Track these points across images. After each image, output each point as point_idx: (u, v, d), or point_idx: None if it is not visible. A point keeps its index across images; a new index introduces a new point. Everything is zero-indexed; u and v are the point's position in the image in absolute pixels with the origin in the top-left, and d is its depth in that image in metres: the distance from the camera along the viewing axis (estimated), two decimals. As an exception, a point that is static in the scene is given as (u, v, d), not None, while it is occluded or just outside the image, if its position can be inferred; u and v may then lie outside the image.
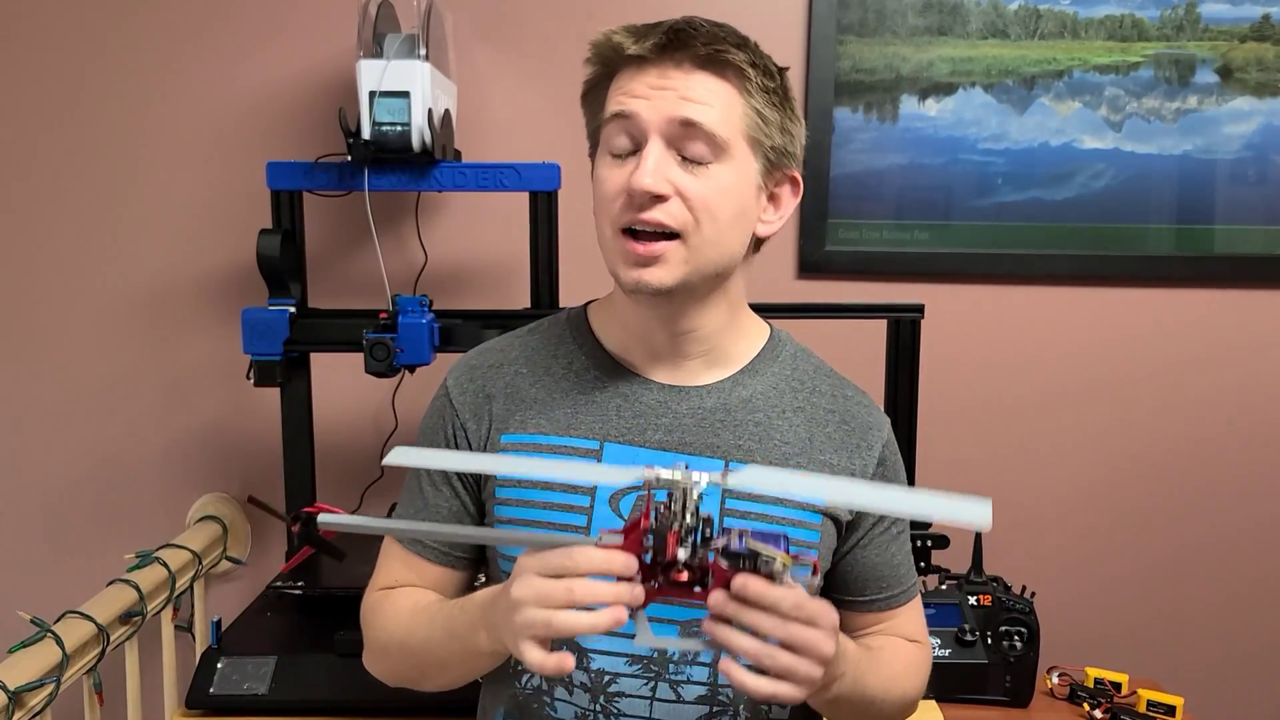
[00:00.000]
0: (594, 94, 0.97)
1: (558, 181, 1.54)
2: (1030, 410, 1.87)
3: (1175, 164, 1.79)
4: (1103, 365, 1.85)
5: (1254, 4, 1.77)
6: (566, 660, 0.78)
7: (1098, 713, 1.58)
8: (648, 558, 0.78)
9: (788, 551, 0.78)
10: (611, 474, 0.80)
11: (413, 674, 1.01)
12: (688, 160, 0.91)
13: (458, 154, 1.67)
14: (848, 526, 1.02)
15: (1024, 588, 1.62)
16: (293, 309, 1.52)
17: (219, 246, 1.80)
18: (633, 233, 0.92)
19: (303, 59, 1.77)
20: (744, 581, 0.77)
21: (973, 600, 1.59)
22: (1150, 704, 1.58)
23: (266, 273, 1.51)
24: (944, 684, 1.49)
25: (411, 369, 1.53)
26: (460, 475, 1.03)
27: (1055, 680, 1.66)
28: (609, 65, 0.95)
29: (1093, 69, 1.78)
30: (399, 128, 1.44)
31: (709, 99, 0.91)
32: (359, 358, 1.47)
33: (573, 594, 0.77)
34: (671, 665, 0.96)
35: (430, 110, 1.45)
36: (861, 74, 1.78)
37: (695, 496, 0.78)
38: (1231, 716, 1.90)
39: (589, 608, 0.77)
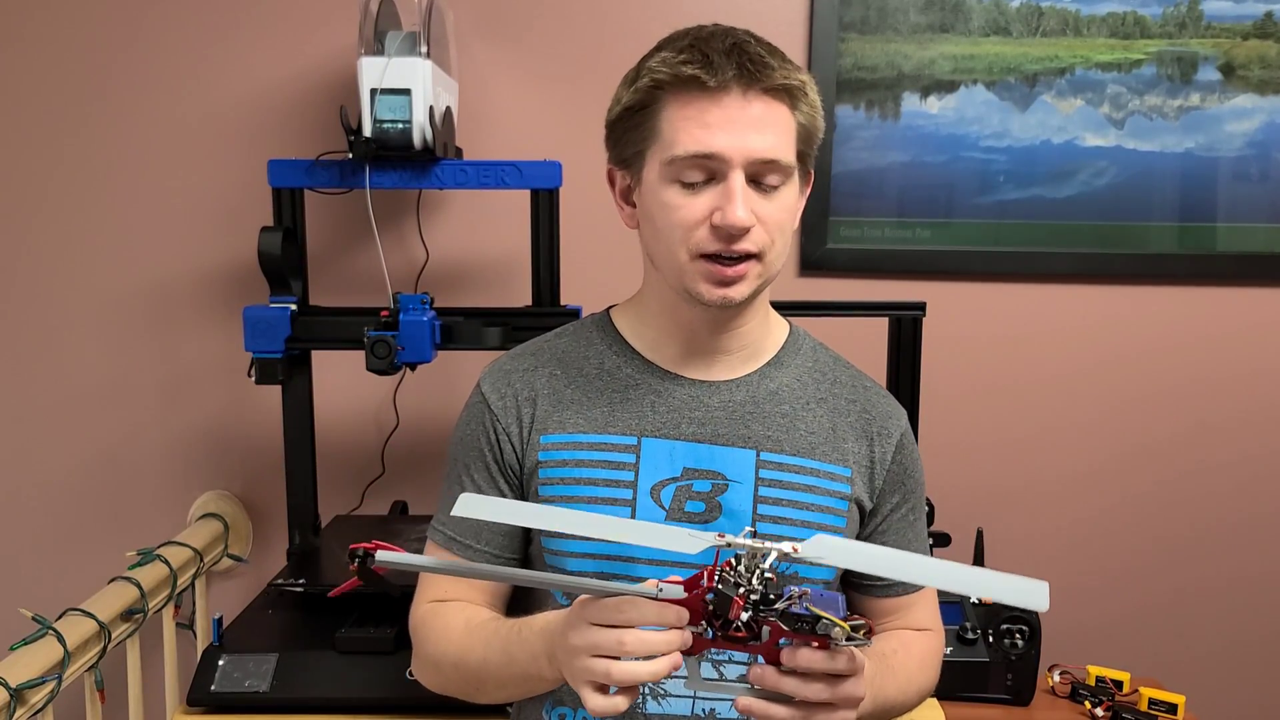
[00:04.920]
0: (639, 116, 0.97)
1: (559, 179, 1.54)
2: (1033, 409, 1.86)
3: (1177, 162, 1.79)
4: (1105, 364, 1.85)
5: (1256, 1, 1.76)
6: (620, 702, 0.81)
7: (1099, 711, 1.58)
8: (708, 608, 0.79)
9: (845, 615, 0.78)
10: (687, 542, 0.79)
11: (468, 690, 1.03)
12: (761, 185, 0.94)
13: (459, 152, 1.67)
14: (868, 513, 1.06)
15: (1026, 586, 1.61)
16: (294, 307, 1.52)
17: (220, 244, 1.80)
18: (715, 256, 0.95)
19: (304, 56, 1.77)
20: (792, 655, 0.79)
21: (974, 598, 1.59)
22: (1152, 702, 1.58)
23: (268, 270, 1.51)
24: (946, 682, 1.47)
25: (413, 367, 1.53)
26: (504, 474, 1.05)
27: (1057, 678, 1.66)
28: (660, 88, 0.95)
29: (1095, 66, 1.78)
30: (400, 125, 1.44)
31: (776, 127, 0.94)
32: (360, 355, 1.47)
33: (623, 646, 0.79)
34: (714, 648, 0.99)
35: (431, 108, 1.45)
36: (863, 71, 1.78)
37: (766, 565, 0.79)
38: (1233, 715, 1.90)
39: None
